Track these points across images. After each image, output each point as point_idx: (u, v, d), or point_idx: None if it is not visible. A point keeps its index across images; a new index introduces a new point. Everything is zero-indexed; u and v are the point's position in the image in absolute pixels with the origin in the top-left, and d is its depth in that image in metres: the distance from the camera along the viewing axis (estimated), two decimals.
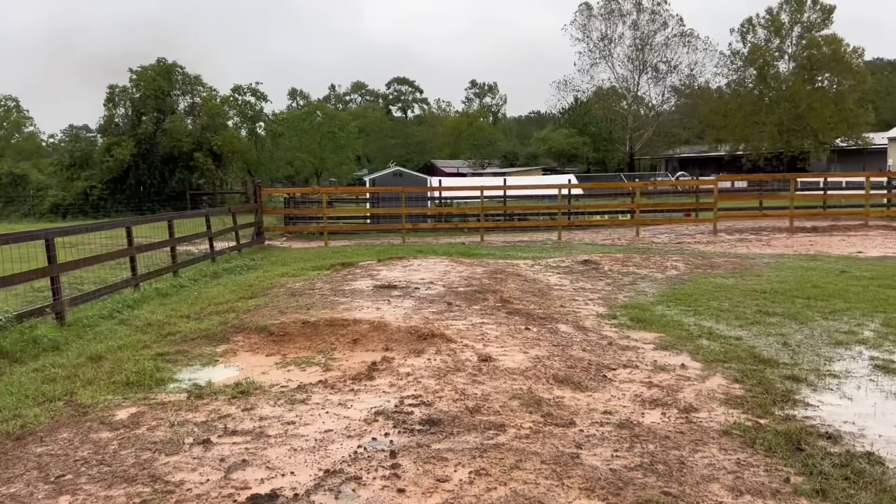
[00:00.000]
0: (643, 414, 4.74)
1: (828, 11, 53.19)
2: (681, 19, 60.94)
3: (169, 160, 36.81)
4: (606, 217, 23.27)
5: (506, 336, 6.67)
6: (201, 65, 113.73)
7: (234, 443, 4.29)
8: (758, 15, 55.09)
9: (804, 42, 52.83)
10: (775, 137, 52.34)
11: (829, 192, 24.96)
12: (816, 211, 21.91)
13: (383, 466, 3.80)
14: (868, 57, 55.81)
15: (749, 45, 54.89)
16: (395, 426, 4.38)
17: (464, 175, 57.88)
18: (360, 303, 8.27)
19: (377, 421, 4.47)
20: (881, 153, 50.75)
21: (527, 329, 7.12)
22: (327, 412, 4.69)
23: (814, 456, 4.26)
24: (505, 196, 24.10)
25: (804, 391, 5.72)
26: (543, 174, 54.33)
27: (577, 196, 25.26)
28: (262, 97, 41.50)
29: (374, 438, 4.20)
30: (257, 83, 41.15)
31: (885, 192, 24.02)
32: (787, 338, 7.54)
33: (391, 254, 15.49)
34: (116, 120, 38.97)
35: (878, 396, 5.61)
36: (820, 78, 52.61)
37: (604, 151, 65.35)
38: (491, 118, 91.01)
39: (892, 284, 10.68)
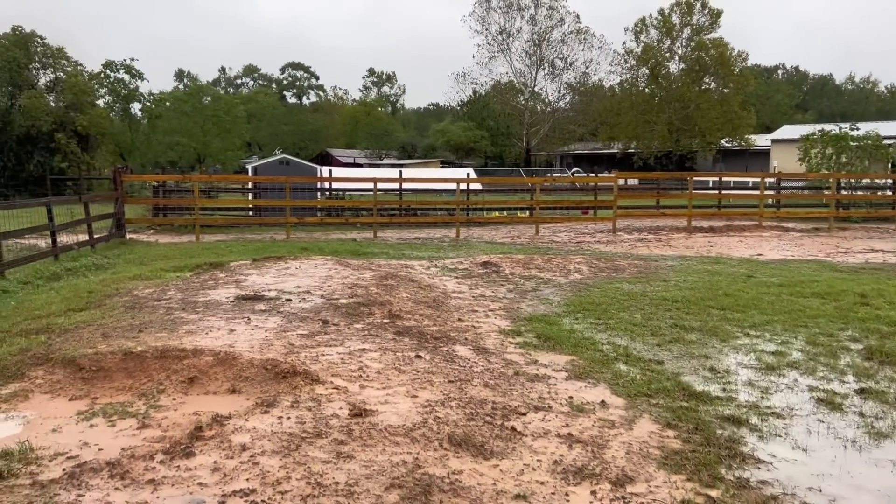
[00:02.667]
0: (567, 496, 3.51)
1: (716, 15, 55.01)
2: (577, 16, 61.58)
3: (26, 141, 32.79)
4: (505, 214, 22.37)
5: (391, 369, 5.31)
6: (77, 44, 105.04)
7: None
8: (651, 15, 56.31)
9: (693, 44, 54.43)
10: (665, 136, 53.69)
11: (717, 192, 25.16)
12: (712, 211, 21.88)
13: None
14: (748, 63, 58.12)
15: (642, 44, 56.04)
16: None
17: (360, 165, 56.03)
18: (212, 322, 6.66)
19: None
20: (763, 154, 53.02)
21: (417, 357, 5.80)
22: None
23: None
24: (401, 189, 22.75)
25: (750, 439, 4.71)
26: (442, 167, 53.41)
27: (475, 191, 24.25)
28: (138, 75, 37.86)
29: None
30: (132, 59, 37.57)
31: (773, 192, 24.41)
32: (713, 361, 6.62)
33: (270, 252, 13.80)
34: None
35: (835, 445, 4.67)
36: (707, 80, 54.39)
37: (501, 146, 65.21)
38: (389, 108, 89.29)
39: (803, 292, 10.14)
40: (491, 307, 9.01)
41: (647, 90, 56.15)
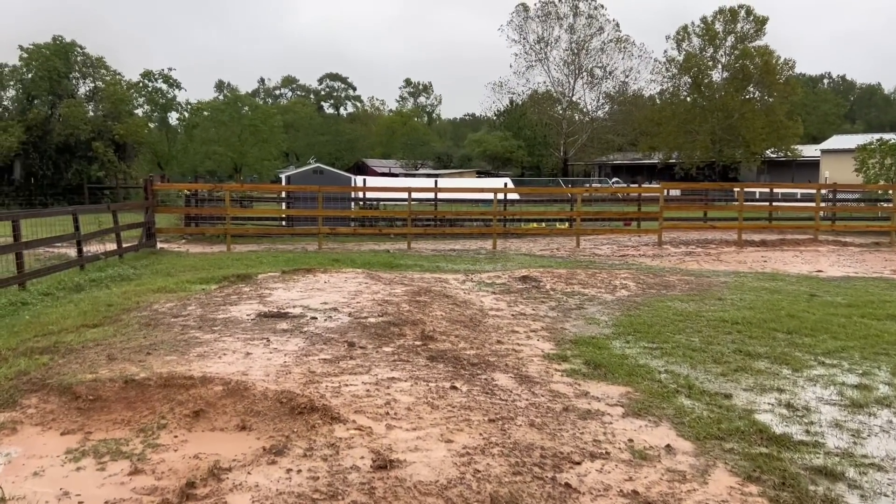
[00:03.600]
0: None
1: (760, 23, 53.61)
2: (617, 25, 60.53)
3: (64, 149, 32.97)
4: (544, 225, 21.60)
5: (423, 404, 4.64)
6: (118, 57, 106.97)
7: None
8: (693, 23, 55.12)
9: (737, 52, 53.04)
10: (708, 146, 52.34)
11: (769, 204, 23.98)
12: (762, 223, 20.81)
13: None
14: (795, 71, 56.40)
15: (684, 52, 54.84)
16: None
17: (396, 175, 55.70)
18: (227, 343, 6.08)
19: None
20: (810, 165, 51.31)
21: (453, 388, 5.12)
22: None
23: None
24: (436, 199, 22.15)
25: (851, 500, 3.93)
26: (478, 177, 52.78)
27: (512, 201, 23.54)
28: (176, 84, 38.04)
29: None
30: (170, 69, 37.75)
31: (826, 205, 23.19)
32: (788, 395, 5.81)
33: (300, 263, 13.28)
34: (5, 103, 34.76)
35: None
36: (751, 88, 52.91)
37: (538, 156, 64.37)
38: (425, 118, 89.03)
39: (876, 314, 9.23)
40: (532, 327, 8.30)
41: (688, 99, 54.87)
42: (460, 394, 4.99)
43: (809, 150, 53.94)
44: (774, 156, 53.85)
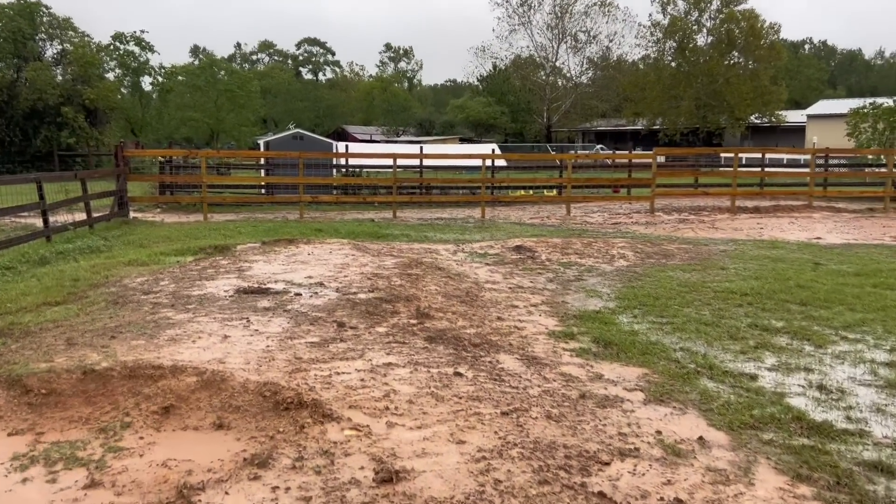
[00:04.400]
0: None
1: None
2: None
3: (32, 115, 31.54)
4: (531, 192, 21.00)
5: (426, 395, 4.08)
6: (92, 20, 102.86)
7: None
8: None
9: (722, 16, 52.26)
10: (692, 112, 51.80)
11: (755, 169, 23.54)
12: (755, 190, 20.38)
13: None
14: (780, 35, 55.72)
15: (669, 16, 53.95)
16: None
17: (377, 142, 54.65)
18: (203, 324, 5.46)
19: None
20: (795, 131, 51.08)
21: (457, 374, 4.58)
22: None
23: None
24: (421, 166, 21.45)
25: None
26: (460, 143, 51.95)
27: (500, 168, 22.89)
28: (148, 47, 36.53)
29: None
30: (142, 31, 36.18)
31: (806, 170, 22.76)
32: (817, 375, 5.35)
33: (281, 233, 12.63)
34: None
35: None
36: (737, 53, 52.26)
37: (522, 122, 63.51)
38: (406, 84, 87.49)
39: (889, 283, 8.84)
40: (532, 301, 7.78)
41: (673, 64, 54.14)
42: (466, 381, 4.45)
43: (794, 116, 53.64)
44: (759, 121, 53.48)
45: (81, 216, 13.76)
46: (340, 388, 4.04)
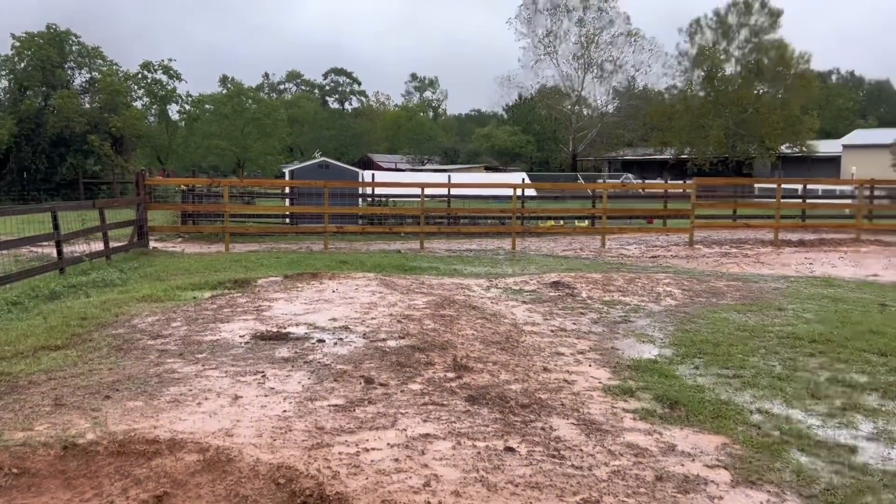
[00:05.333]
0: None
1: (775, 15, 52.09)
2: (627, 17, 59.05)
3: (59, 143, 31.54)
4: (562, 223, 20.28)
5: (474, 483, 3.36)
6: (121, 52, 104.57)
7: None
8: (706, 16, 53.65)
9: (751, 45, 51.58)
10: (721, 141, 50.87)
11: (795, 200, 22.59)
12: (798, 222, 19.47)
13: None
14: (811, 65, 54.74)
15: (696, 46, 53.38)
16: None
17: (402, 171, 54.37)
18: (212, 380, 4.80)
19: None
20: (828, 161, 49.89)
21: (508, 450, 3.85)
22: None
23: None
24: (449, 196, 20.84)
25: None
26: (486, 172, 51.46)
27: (528, 197, 22.22)
28: (176, 76, 36.62)
29: None
30: (170, 59, 36.34)
31: (849, 201, 21.79)
32: None
33: (304, 266, 12.03)
34: None
35: None
36: (766, 82, 51.42)
37: (547, 151, 62.96)
38: (431, 113, 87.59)
39: None
40: (578, 347, 7.04)
41: (701, 93, 53.38)
42: (520, 459, 3.72)
43: (826, 146, 52.44)
44: (789, 151, 52.34)
45: (99, 246, 13.31)
46: (370, 474, 3.33)
